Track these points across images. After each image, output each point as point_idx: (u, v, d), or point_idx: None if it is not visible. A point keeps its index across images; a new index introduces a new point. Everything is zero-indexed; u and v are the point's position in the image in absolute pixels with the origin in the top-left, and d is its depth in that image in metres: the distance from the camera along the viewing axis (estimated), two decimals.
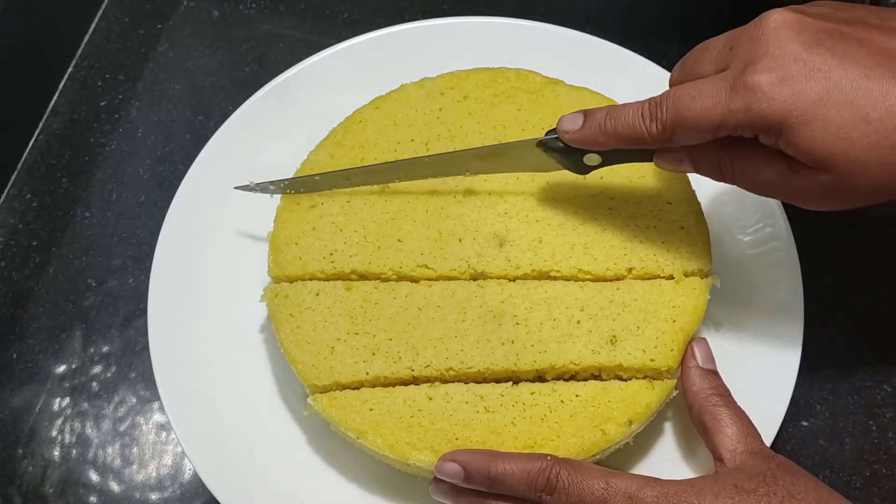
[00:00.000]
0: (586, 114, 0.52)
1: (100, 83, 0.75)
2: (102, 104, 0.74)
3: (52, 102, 0.74)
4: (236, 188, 0.60)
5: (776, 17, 0.46)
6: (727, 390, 0.53)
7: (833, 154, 0.44)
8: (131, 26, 0.78)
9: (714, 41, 0.49)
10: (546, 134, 0.54)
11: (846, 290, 0.64)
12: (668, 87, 0.50)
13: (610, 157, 0.53)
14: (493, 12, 0.70)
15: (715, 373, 0.54)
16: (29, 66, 0.73)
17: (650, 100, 0.49)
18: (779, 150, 0.46)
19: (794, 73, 0.44)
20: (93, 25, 0.78)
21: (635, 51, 0.67)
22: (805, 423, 0.60)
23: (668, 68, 0.66)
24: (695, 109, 0.47)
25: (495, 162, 0.57)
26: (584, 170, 0.55)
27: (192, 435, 0.56)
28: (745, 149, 0.47)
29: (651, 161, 0.52)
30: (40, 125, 0.73)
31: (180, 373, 0.58)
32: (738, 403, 0.52)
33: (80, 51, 0.76)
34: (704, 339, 0.55)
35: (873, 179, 0.44)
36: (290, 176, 0.59)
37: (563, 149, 0.53)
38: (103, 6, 0.79)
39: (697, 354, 0.54)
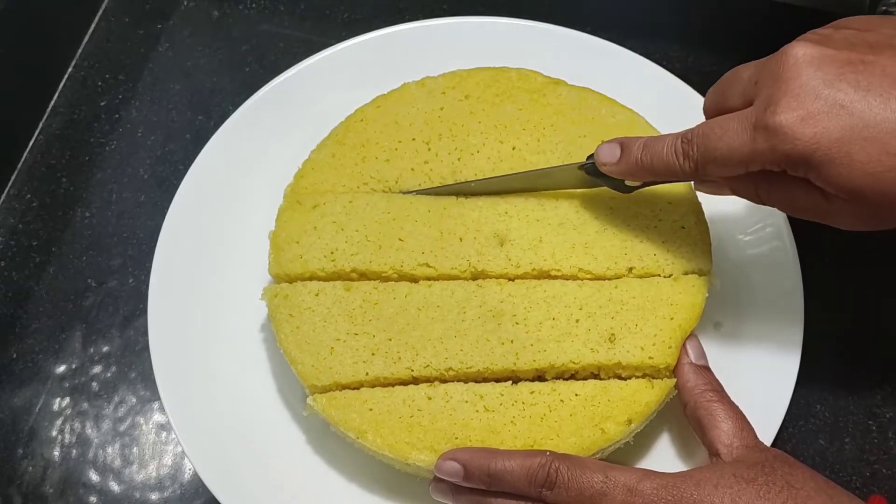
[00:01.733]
0: (623, 146, 0.53)
1: (100, 83, 0.75)
2: (102, 104, 0.74)
3: (52, 102, 0.74)
4: None
5: (797, 52, 0.46)
6: (721, 386, 0.53)
7: (861, 188, 0.44)
8: (131, 26, 0.78)
9: (741, 71, 0.50)
10: (587, 159, 0.55)
11: (847, 290, 0.64)
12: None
13: (651, 181, 0.55)
14: (492, 12, 0.70)
15: (707, 369, 0.54)
16: (29, 66, 0.73)
17: (682, 135, 0.50)
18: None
19: (815, 111, 0.44)
20: (93, 25, 0.78)
21: (635, 51, 0.67)
22: (805, 423, 0.60)
23: (668, 68, 0.67)
24: (721, 149, 0.47)
25: (542, 183, 0.58)
26: (626, 189, 0.56)
27: (191, 434, 0.56)
28: (780, 179, 0.47)
29: (690, 181, 0.54)
30: (40, 125, 0.73)
31: (180, 372, 0.58)
32: (739, 404, 0.52)
33: (80, 51, 0.76)
34: (696, 336, 0.56)
35: None
36: (292, 175, 0.60)
37: (603, 173, 0.55)
38: (103, 6, 0.79)
39: (690, 351, 0.54)
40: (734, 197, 0.61)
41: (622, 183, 0.55)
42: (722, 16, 0.76)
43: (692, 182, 0.55)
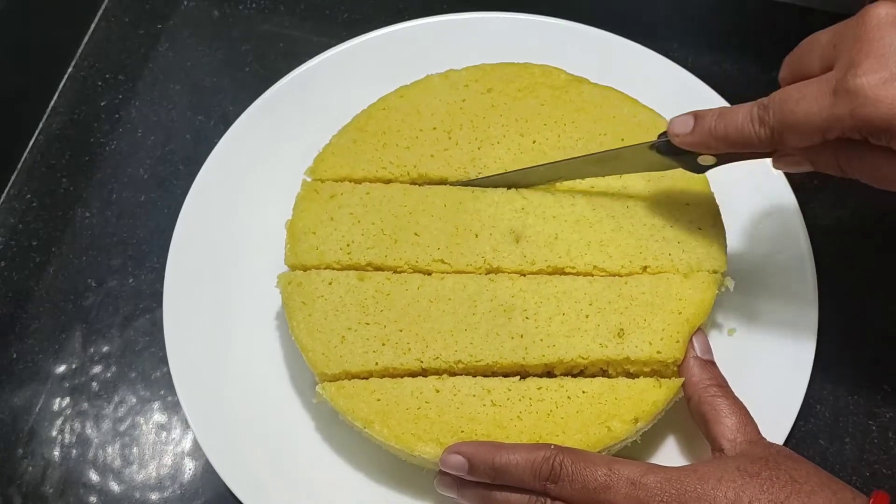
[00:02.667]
0: (696, 116, 0.52)
1: (100, 83, 0.75)
2: (102, 104, 0.74)
3: (52, 102, 0.74)
4: None
5: (879, 13, 0.44)
6: (725, 381, 0.53)
7: None
8: (131, 26, 0.78)
9: (819, 36, 0.48)
10: (658, 137, 0.54)
11: (848, 291, 0.64)
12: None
13: (724, 157, 0.53)
14: (491, 10, 0.71)
15: (713, 363, 0.54)
16: (29, 66, 0.73)
17: (758, 102, 0.49)
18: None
19: None
20: (93, 25, 0.78)
21: (656, 50, 0.68)
22: (805, 424, 0.60)
23: (684, 65, 0.67)
24: (799, 115, 0.46)
25: (609, 165, 0.57)
26: (700, 169, 0.54)
27: (202, 418, 0.57)
28: (862, 147, 0.46)
29: (768, 157, 0.52)
30: (40, 125, 0.73)
31: (193, 357, 0.59)
32: (750, 407, 0.52)
33: (80, 51, 0.76)
34: (702, 330, 0.56)
35: None
36: (312, 159, 0.60)
37: (676, 150, 0.53)
38: (103, 6, 0.78)
39: (696, 345, 0.54)
40: (751, 200, 0.61)
41: (695, 161, 0.53)
42: (722, 16, 0.76)
43: (770, 159, 0.52)
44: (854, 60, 0.44)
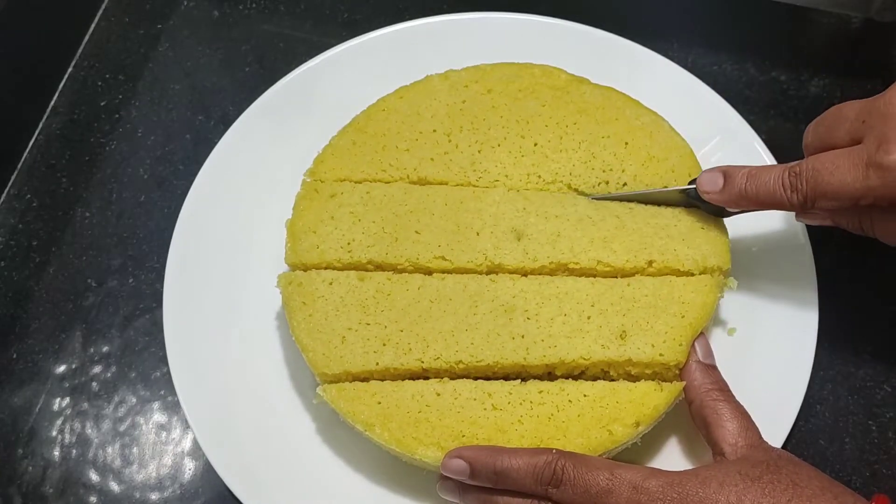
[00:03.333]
0: (726, 175, 0.54)
1: (100, 83, 0.75)
2: (102, 104, 0.74)
3: (52, 102, 0.74)
4: None
5: None
6: (727, 385, 0.53)
7: None
8: (131, 26, 0.78)
9: (847, 109, 0.51)
10: (689, 183, 0.57)
11: (848, 292, 0.64)
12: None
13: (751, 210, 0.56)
14: (491, 10, 0.70)
15: (714, 367, 0.54)
16: (29, 66, 0.73)
17: (789, 168, 0.52)
18: None
19: None
20: (93, 25, 0.78)
21: (656, 50, 0.68)
22: (805, 423, 0.60)
23: (684, 65, 0.67)
24: (833, 185, 0.49)
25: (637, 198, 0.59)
26: (725, 214, 0.57)
27: (202, 418, 0.57)
28: (885, 212, 0.50)
29: (791, 212, 0.55)
30: (40, 125, 0.73)
31: (193, 356, 0.59)
32: (749, 408, 0.52)
33: (80, 51, 0.76)
34: (704, 334, 0.56)
35: None
36: (312, 159, 0.61)
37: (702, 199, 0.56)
38: (103, 6, 0.78)
39: (698, 349, 0.54)
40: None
41: (723, 209, 0.56)
42: (722, 16, 0.76)
43: (794, 213, 0.56)
44: (885, 137, 0.47)
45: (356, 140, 0.61)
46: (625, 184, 0.59)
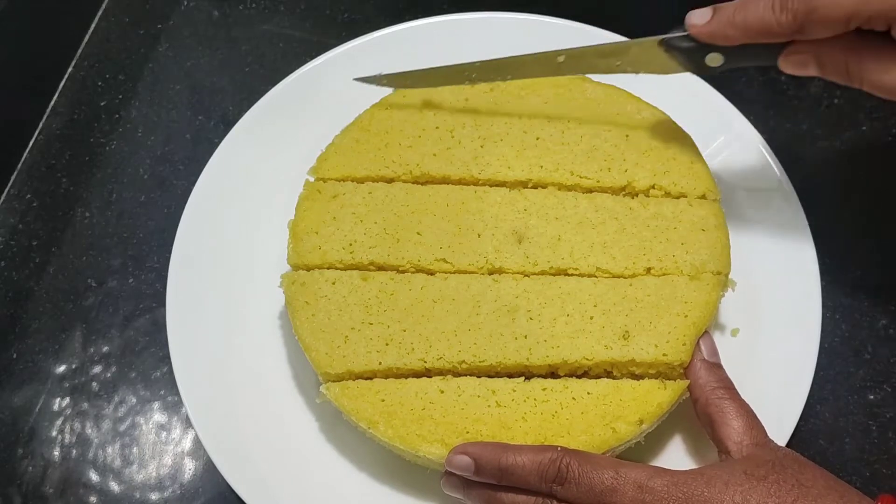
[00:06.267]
0: (715, 8, 0.52)
1: (100, 83, 0.75)
2: (102, 104, 0.74)
3: (52, 102, 0.74)
4: (355, 79, 0.62)
5: None
6: (732, 384, 0.53)
7: None
8: (131, 26, 0.78)
9: None
10: (670, 31, 0.54)
11: (849, 293, 0.64)
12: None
13: (733, 58, 0.53)
14: (491, 10, 0.71)
15: (720, 366, 0.54)
16: (29, 66, 0.73)
17: None
18: None
19: None
20: (93, 25, 0.78)
21: None
22: (805, 424, 0.60)
23: None
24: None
25: (615, 60, 0.56)
26: (706, 71, 0.54)
27: (204, 416, 0.57)
28: (874, 47, 0.47)
29: (774, 63, 0.52)
30: (40, 125, 0.73)
31: (196, 355, 0.59)
32: (754, 407, 0.52)
33: (80, 51, 0.76)
34: (709, 333, 0.56)
35: None
36: (314, 159, 0.61)
37: (685, 48, 0.53)
38: (103, 6, 0.78)
39: (703, 348, 0.54)
40: (757, 201, 0.61)
41: (702, 61, 0.53)
42: None
43: (777, 60, 0.52)
44: None
45: (359, 138, 0.61)
46: (626, 170, 0.59)
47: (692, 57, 0.54)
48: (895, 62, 0.47)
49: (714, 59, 0.53)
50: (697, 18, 0.52)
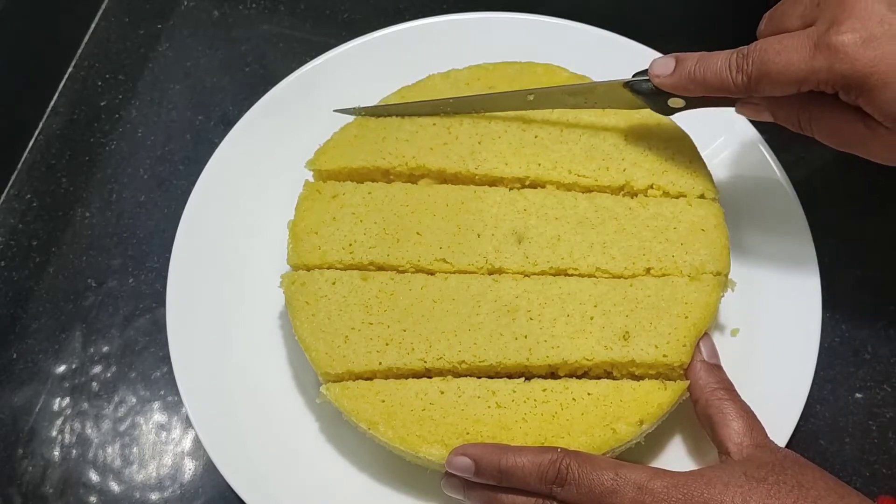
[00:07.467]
0: (677, 60, 0.54)
1: (100, 83, 0.75)
2: (102, 104, 0.74)
3: (52, 102, 0.74)
4: (335, 111, 0.63)
5: None
6: (732, 385, 0.53)
7: None
8: (131, 26, 0.78)
9: None
10: (634, 75, 0.57)
11: (849, 293, 0.64)
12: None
13: (694, 102, 0.55)
14: (491, 10, 0.71)
15: (719, 367, 0.54)
16: (29, 66, 0.73)
17: (738, 50, 0.51)
18: (857, 107, 0.47)
19: (878, 34, 0.45)
20: (93, 25, 0.78)
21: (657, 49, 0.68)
22: (805, 424, 0.60)
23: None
24: (779, 64, 0.48)
25: (581, 98, 0.59)
26: (668, 111, 0.57)
27: (204, 417, 0.57)
28: (825, 105, 0.49)
29: (733, 106, 0.55)
30: (40, 125, 0.73)
31: (196, 355, 0.59)
32: (753, 408, 0.52)
33: (80, 51, 0.76)
34: (709, 335, 0.56)
35: None
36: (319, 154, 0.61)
37: (649, 91, 0.56)
38: (103, 6, 0.79)
39: (703, 349, 0.54)
40: (756, 201, 0.61)
41: (665, 103, 0.56)
42: (721, 15, 0.76)
43: (734, 106, 0.55)
44: (837, 19, 0.47)
45: (358, 134, 0.62)
46: (624, 170, 0.59)
47: (655, 99, 0.56)
48: (841, 120, 0.49)
49: (676, 102, 0.56)
50: (660, 69, 0.55)
